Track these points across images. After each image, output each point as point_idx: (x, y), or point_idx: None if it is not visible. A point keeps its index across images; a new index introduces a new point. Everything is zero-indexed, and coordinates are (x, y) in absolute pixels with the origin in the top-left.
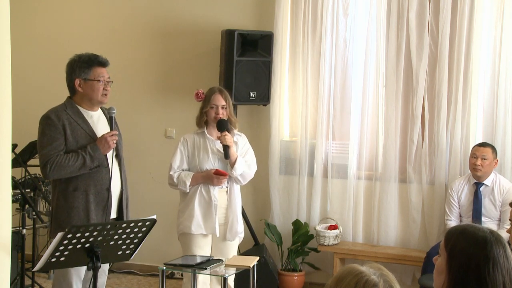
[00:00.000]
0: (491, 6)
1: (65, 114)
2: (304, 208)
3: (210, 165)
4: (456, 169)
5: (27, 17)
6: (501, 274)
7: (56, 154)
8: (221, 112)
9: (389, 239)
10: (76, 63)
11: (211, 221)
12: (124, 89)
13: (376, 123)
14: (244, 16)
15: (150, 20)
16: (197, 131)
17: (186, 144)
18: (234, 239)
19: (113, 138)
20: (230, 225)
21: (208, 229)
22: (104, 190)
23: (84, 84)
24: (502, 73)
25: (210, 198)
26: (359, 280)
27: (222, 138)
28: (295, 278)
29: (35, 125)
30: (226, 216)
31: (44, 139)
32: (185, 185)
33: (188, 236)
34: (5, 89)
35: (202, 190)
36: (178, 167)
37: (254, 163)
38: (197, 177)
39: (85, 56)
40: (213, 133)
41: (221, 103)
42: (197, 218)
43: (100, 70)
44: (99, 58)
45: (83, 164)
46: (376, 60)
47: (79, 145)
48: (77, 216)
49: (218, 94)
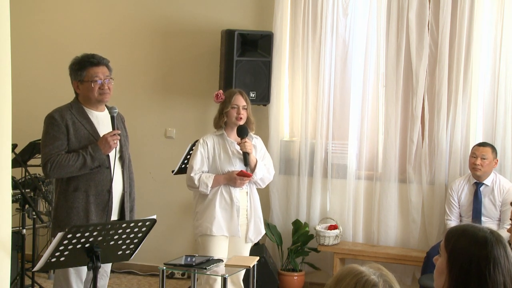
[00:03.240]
0: (491, 6)
1: (70, 114)
2: (304, 208)
3: (232, 167)
4: (456, 169)
5: (27, 17)
6: (501, 274)
7: (57, 153)
8: (242, 113)
9: (389, 239)
10: (72, 66)
11: (233, 222)
12: (124, 89)
13: (376, 123)
14: (244, 16)
15: (150, 20)
16: (216, 133)
17: (206, 146)
18: (257, 239)
19: (114, 138)
20: (253, 225)
21: (230, 231)
22: (104, 191)
23: (81, 86)
24: (502, 73)
25: (232, 200)
26: (359, 280)
27: (242, 145)
28: (295, 278)
29: (35, 125)
30: (248, 217)
31: (47, 138)
32: (206, 187)
33: (208, 238)
34: (5, 89)
35: (223, 192)
36: (199, 169)
37: (272, 166)
38: (218, 179)
39: (79, 58)
40: (232, 135)
41: (242, 103)
42: (219, 219)
43: (93, 70)
44: (91, 58)
45: (84, 164)
46: (376, 60)
47: (82, 145)
48: (77, 216)
49: (239, 95)
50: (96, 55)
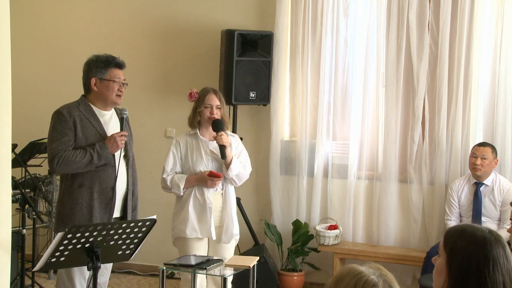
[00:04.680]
0: (491, 6)
1: (77, 111)
2: (304, 208)
3: (204, 167)
4: (456, 169)
5: (27, 17)
6: (501, 274)
7: (64, 149)
8: (216, 112)
9: (389, 239)
10: (94, 62)
11: (206, 224)
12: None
13: (376, 123)
14: (244, 16)
15: (150, 20)
16: (189, 133)
17: (178, 146)
18: (229, 241)
19: (122, 139)
20: (226, 227)
21: (203, 233)
22: (109, 189)
23: (99, 84)
24: (502, 73)
25: (205, 201)
26: (359, 280)
27: (218, 138)
28: (295, 278)
29: (35, 125)
30: (221, 218)
31: (54, 133)
32: (178, 188)
33: (183, 240)
34: (5, 89)
35: (196, 193)
36: (171, 169)
37: (248, 163)
38: (190, 180)
39: (103, 57)
40: (206, 134)
41: (215, 103)
42: (192, 221)
43: (116, 72)
44: (116, 59)
45: (90, 161)
46: (377, 60)
47: (89, 142)
48: (80, 212)
49: (212, 94)
50: (119, 58)
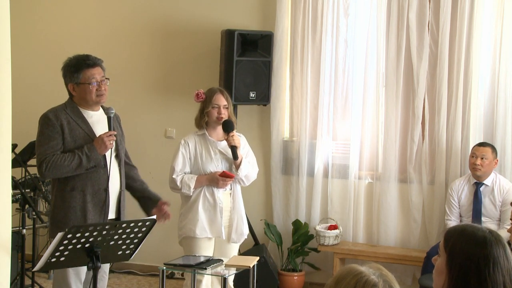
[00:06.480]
0: (491, 6)
1: (64, 113)
2: (304, 208)
3: (214, 167)
4: (456, 169)
5: (27, 17)
6: (501, 274)
7: (52, 153)
8: (223, 112)
9: (389, 239)
10: (67, 67)
11: (217, 224)
12: (124, 89)
13: (376, 123)
14: (244, 16)
15: (150, 20)
16: (197, 133)
17: (187, 146)
18: (239, 240)
19: (110, 139)
20: (236, 226)
21: (214, 232)
22: (101, 190)
23: (77, 88)
24: (502, 73)
25: (215, 201)
26: (359, 280)
27: (230, 138)
28: (295, 278)
29: (35, 125)
30: (231, 218)
31: (42, 138)
32: (189, 188)
33: (192, 240)
34: (5, 89)
35: (206, 193)
36: (181, 170)
37: (255, 164)
38: (201, 180)
39: (73, 60)
40: (213, 134)
41: (223, 103)
42: (202, 221)
43: (90, 72)
44: (87, 60)
45: (79, 164)
46: (377, 60)
47: (77, 144)
48: (74, 216)
49: (219, 94)
50: (91, 55)
